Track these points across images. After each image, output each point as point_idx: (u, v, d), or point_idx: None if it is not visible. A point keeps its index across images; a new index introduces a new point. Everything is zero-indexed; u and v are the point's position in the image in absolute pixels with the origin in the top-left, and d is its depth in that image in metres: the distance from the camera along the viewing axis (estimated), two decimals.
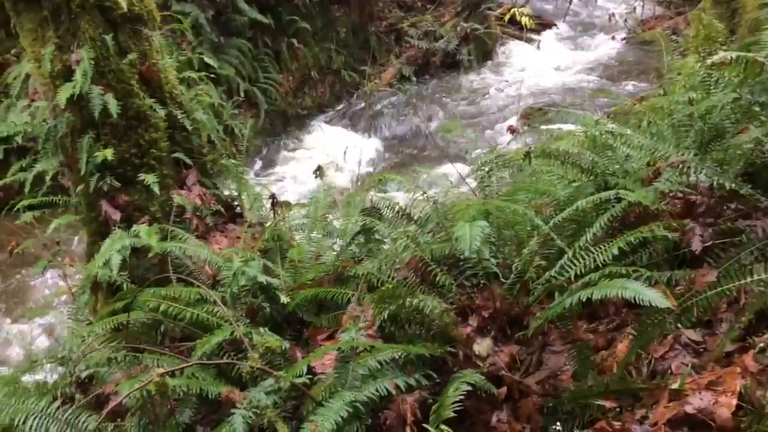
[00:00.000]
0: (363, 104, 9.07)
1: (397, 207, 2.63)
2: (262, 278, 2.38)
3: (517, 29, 10.14)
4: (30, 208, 3.06)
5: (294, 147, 8.46)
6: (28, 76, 7.36)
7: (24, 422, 2.26)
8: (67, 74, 2.77)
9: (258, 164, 7.86)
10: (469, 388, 1.89)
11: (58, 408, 2.34)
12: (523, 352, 2.23)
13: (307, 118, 9.12)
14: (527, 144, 3.18)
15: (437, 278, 2.34)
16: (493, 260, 2.23)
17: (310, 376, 2.09)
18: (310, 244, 2.87)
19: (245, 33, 8.64)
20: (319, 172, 3.90)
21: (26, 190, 3.04)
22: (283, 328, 2.54)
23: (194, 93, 3.46)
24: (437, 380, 2.09)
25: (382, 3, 10.22)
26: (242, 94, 8.29)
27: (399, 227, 2.55)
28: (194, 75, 3.27)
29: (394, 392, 1.95)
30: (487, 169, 2.66)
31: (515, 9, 6.29)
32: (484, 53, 10.11)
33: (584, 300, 1.87)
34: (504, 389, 2.07)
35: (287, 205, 3.58)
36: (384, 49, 10.10)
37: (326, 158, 6.53)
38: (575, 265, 2.15)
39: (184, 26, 3.29)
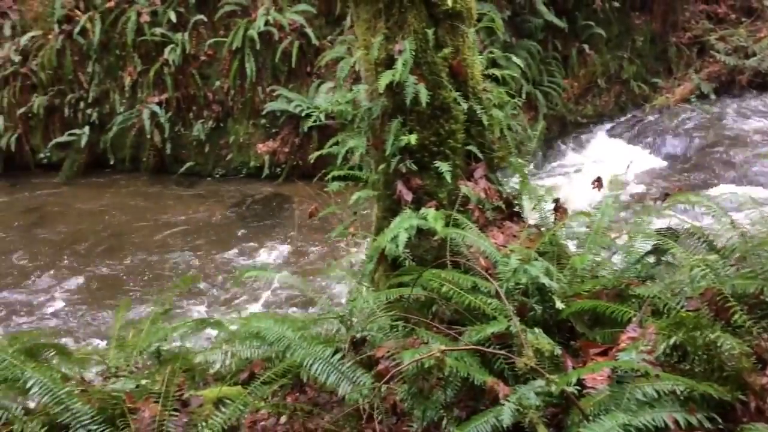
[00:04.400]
0: (650, 118, 8.53)
1: (698, 232, 2.44)
2: (545, 280, 2.38)
3: None
4: (336, 178, 3.42)
5: (569, 154, 8.29)
6: (336, 61, 8.25)
7: (311, 365, 2.56)
8: (388, 62, 3.04)
9: (530, 166, 7.87)
10: None
11: (339, 360, 2.61)
12: None
13: (586, 126, 8.87)
14: None
15: (734, 316, 2.13)
16: None
17: (578, 388, 2.06)
18: (589, 255, 2.80)
19: (537, 35, 8.64)
20: (598, 183, 3.77)
21: (338, 162, 3.40)
22: (552, 333, 2.51)
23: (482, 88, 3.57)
24: (720, 426, 1.92)
25: (689, 13, 9.46)
26: (524, 96, 8.33)
27: (697, 254, 2.37)
28: (498, 73, 3.36)
29: (672, 426, 1.83)
30: None
31: None
32: None
33: None
34: None
35: (565, 211, 3.52)
36: (683, 62, 9.38)
37: (605, 169, 6.27)
38: None
39: (496, 25, 3.40)
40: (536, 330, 2.24)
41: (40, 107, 8.48)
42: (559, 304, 2.43)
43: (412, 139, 3.01)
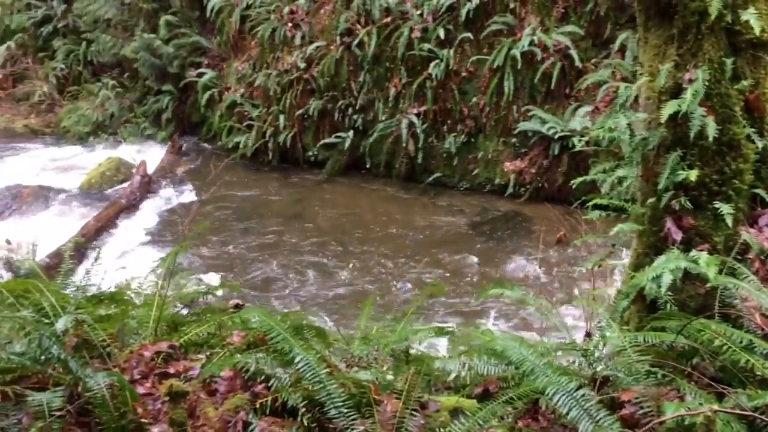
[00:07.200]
0: None
1: None
2: None
3: None
4: (597, 207, 3.29)
5: None
6: (598, 85, 7.97)
7: (553, 395, 2.48)
8: (674, 92, 2.86)
9: None
10: None
11: (582, 396, 2.50)
12: None
13: None
14: None
15: None
16: None
17: None
18: None
19: None
20: None
21: (603, 190, 3.28)
22: None
23: None
24: None
25: None
26: None
27: None
28: None
29: None
30: None
31: None
32: None
33: None
34: None
35: None
36: None
37: None
38: None
39: None
40: None
41: (315, 110, 9.43)
42: None
43: (692, 175, 2.79)
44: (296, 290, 6.78)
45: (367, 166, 9.45)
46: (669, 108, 2.78)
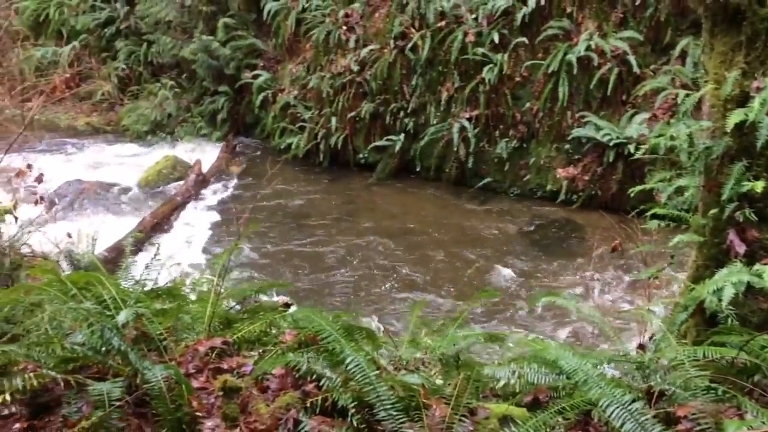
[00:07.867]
0: None
1: None
2: None
3: None
4: (655, 216, 3.22)
5: None
6: (656, 92, 7.79)
7: (607, 407, 2.44)
8: (741, 100, 2.78)
9: None
10: None
11: (637, 409, 2.44)
12: None
13: None
14: None
15: None
16: None
17: None
18: None
19: None
20: None
21: (662, 200, 3.20)
22: None
23: None
24: None
25: None
26: None
27: None
28: None
29: None
30: None
31: None
32: None
33: None
34: None
35: None
36: None
37: None
38: None
39: None
40: None
41: (366, 113, 9.47)
42: None
43: (758, 186, 2.71)
44: (341, 290, 6.82)
45: (417, 169, 9.44)
46: (735, 117, 2.70)
